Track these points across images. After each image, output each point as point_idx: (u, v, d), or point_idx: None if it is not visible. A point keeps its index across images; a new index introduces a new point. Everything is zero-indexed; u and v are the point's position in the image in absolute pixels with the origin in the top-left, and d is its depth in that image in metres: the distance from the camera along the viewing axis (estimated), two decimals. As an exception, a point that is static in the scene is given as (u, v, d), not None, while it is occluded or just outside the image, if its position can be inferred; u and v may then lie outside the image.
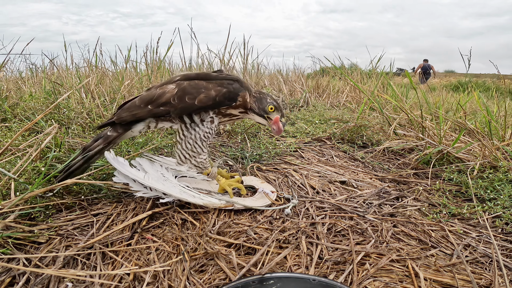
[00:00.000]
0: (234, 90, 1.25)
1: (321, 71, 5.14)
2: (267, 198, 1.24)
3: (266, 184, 1.37)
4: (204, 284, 0.84)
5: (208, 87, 1.22)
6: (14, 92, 2.58)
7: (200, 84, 1.23)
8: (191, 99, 1.20)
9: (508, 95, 5.79)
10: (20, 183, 1.15)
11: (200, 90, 1.21)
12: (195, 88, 1.22)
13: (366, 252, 0.96)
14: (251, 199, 1.26)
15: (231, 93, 1.24)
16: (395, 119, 2.23)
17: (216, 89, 1.22)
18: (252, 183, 1.38)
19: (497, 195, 1.35)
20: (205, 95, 1.21)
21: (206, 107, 1.22)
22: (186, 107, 1.20)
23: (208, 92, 1.21)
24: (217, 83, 1.24)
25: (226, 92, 1.23)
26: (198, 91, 1.21)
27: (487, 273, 0.92)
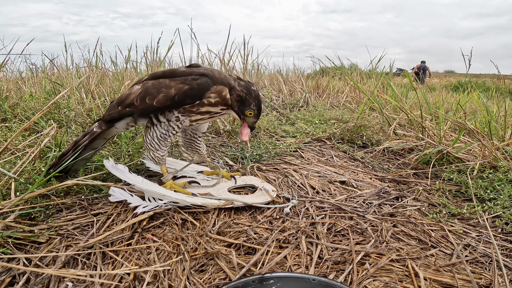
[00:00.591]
0: (199, 87, 1.13)
1: (321, 71, 5.14)
2: (267, 194, 1.24)
3: (267, 184, 1.37)
4: (204, 284, 0.84)
5: (169, 86, 1.15)
6: (14, 92, 2.58)
7: (162, 83, 1.16)
8: (150, 100, 1.15)
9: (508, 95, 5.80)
10: (20, 183, 1.15)
11: (161, 89, 1.15)
12: (157, 87, 1.16)
13: (366, 252, 0.96)
14: (251, 196, 1.26)
15: (194, 90, 1.13)
16: (395, 119, 2.23)
17: (176, 87, 1.14)
18: (252, 183, 1.38)
19: (497, 195, 1.35)
20: (164, 95, 1.13)
21: (164, 107, 1.15)
22: (146, 108, 1.16)
23: (168, 91, 1.14)
24: (180, 80, 1.15)
25: (188, 89, 1.13)
26: (158, 91, 1.15)
27: (487, 273, 0.92)
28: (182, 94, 1.13)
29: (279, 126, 2.37)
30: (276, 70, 4.66)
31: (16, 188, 1.13)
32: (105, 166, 1.20)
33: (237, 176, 1.43)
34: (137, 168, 1.48)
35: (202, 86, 1.14)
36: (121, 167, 1.21)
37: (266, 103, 3.06)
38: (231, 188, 1.35)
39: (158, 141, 1.22)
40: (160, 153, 1.26)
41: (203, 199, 1.16)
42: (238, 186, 1.37)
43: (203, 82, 1.14)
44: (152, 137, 1.23)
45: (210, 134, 2.12)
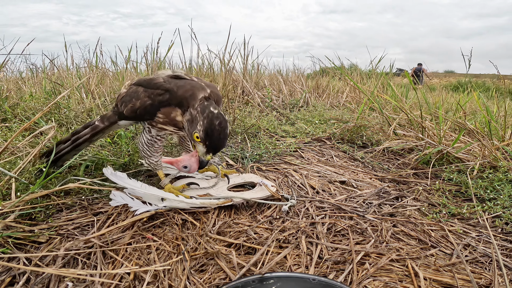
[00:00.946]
0: (158, 104, 1.08)
1: (321, 71, 5.14)
2: (266, 189, 1.24)
3: (266, 180, 1.37)
4: (204, 284, 0.84)
5: (139, 97, 1.12)
6: (15, 92, 2.58)
7: (137, 92, 1.14)
8: (123, 107, 1.16)
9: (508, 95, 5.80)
10: (21, 183, 1.15)
11: (132, 99, 1.14)
12: (131, 96, 1.15)
13: (365, 252, 0.96)
14: (250, 192, 1.27)
15: (154, 106, 1.09)
16: (395, 119, 2.23)
17: (142, 101, 1.11)
18: (251, 180, 1.39)
19: (497, 195, 1.35)
20: (132, 106, 1.12)
21: (131, 118, 1.16)
22: (121, 114, 1.18)
23: (135, 102, 1.12)
24: (148, 93, 1.11)
25: (148, 105, 1.09)
26: (130, 100, 1.14)
27: (487, 273, 0.92)
28: (143, 109, 1.11)
29: (279, 126, 2.37)
30: (276, 70, 4.66)
31: (17, 188, 1.13)
32: (105, 174, 1.20)
33: (235, 174, 1.43)
34: (136, 168, 1.48)
35: (162, 103, 1.08)
36: (120, 174, 1.21)
37: (266, 103, 3.06)
38: (230, 187, 1.35)
39: (147, 147, 1.22)
40: (153, 159, 1.25)
41: (202, 200, 1.16)
42: (238, 184, 1.38)
43: (164, 100, 1.08)
44: (141, 143, 1.24)
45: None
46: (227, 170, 1.42)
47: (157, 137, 1.21)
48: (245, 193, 1.26)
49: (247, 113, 2.51)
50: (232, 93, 3.21)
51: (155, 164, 1.27)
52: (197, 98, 1.06)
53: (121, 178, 1.19)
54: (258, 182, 1.32)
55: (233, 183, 1.36)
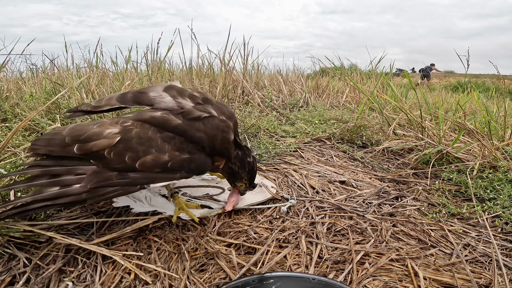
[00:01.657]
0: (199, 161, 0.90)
1: (320, 71, 5.15)
2: (267, 191, 1.24)
3: (266, 180, 1.37)
4: (205, 283, 0.84)
5: (161, 147, 0.86)
6: (15, 92, 2.59)
7: (152, 139, 0.86)
8: (132, 159, 0.83)
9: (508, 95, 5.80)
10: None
11: (150, 149, 0.85)
12: (144, 143, 0.85)
13: (365, 252, 0.96)
14: (250, 194, 1.27)
15: (193, 163, 0.89)
16: (395, 119, 2.23)
17: (171, 154, 0.86)
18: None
19: (496, 195, 1.35)
20: (154, 159, 0.84)
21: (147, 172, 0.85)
22: (122, 168, 0.83)
23: (160, 155, 0.85)
24: (176, 146, 0.87)
25: (185, 161, 0.87)
26: (146, 150, 0.84)
27: (486, 273, 0.92)
28: (178, 163, 0.87)
29: (279, 126, 2.37)
30: (276, 71, 4.66)
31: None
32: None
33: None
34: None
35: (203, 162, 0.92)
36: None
37: (266, 103, 3.06)
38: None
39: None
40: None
41: (202, 211, 1.14)
42: None
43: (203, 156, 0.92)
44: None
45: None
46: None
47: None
48: (245, 195, 1.26)
49: (247, 113, 2.51)
50: (232, 93, 3.21)
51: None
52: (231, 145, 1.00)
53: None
54: (258, 183, 1.32)
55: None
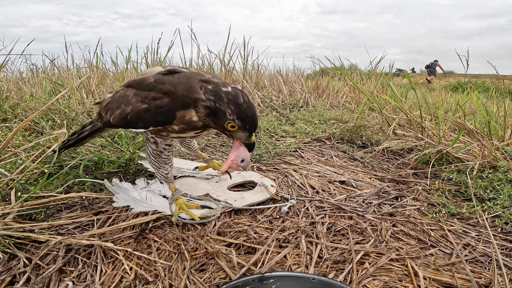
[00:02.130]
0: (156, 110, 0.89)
1: (320, 71, 5.15)
2: (266, 191, 1.25)
3: (266, 179, 1.38)
4: (205, 283, 0.84)
5: (130, 101, 0.94)
6: (15, 92, 2.59)
7: (127, 96, 0.96)
8: (110, 115, 0.97)
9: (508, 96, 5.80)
10: (21, 185, 1.16)
11: (121, 104, 0.95)
12: (119, 100, 0.97)
13: (365, 251, 0.96)
14: (250, 193, 1.27)
15: (149, 113, 0.89)
16: (395, 119, 2.24)
17: (134, 106, 0.92)
18: (252, 178, 1.39)
19: (496, 195, 1.35)
20: (120, 112, 0.93)
21: (119, 126, 0.97)
22: (107, 123, 0.99)
23: (126, 108, 0.93)
24: (141, 97, 0.92)
25: (142, 111, 0.90)
26: (118, 105, 0.96)
27: (486, 272, 0.92)
28: (134, 115, 0.91)
29: (279, 126, 2.37)
30: (276, 71, 4.66)
31: (17, 189, 1.13)
32: (109, 188, 1.18)
33: (236, 172, 1.44)
34: (137, 168, 1.49)
35: (161, 110, 0.88)
36: (125, 185, 1.20)
37: (266, 103, 3.06)
38: (231, 186, 1.35)
39: (154, 158, 1.09)
40: (162, 171, 1.11)
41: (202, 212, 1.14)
42: (238, 183, 1.38)
43: (163, 105, 0.88)
44: (148, 153, 1.10)
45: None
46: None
47: (163, 148, 1.07)
48: (245, 194, 1.26)
49: (247, 113, 2.51)
50: (232, 94, 3.21)
51: (165, 177, 1.13)
52: (196, 88, 0.88)
53: (126, 190, 1.18)
54: (258, 183, 1.32)
55: (234, 182, 1.37)
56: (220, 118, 0.86)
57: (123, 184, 1.21)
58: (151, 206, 1.14)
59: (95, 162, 1.44)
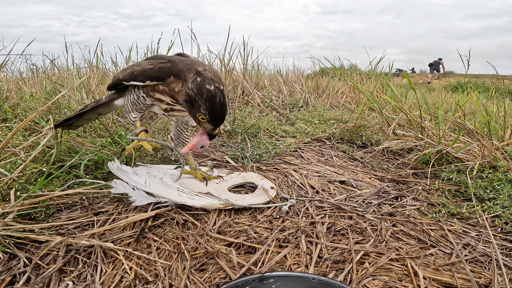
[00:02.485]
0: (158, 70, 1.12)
1: (320, 71, 5.15)
2: (266, 194, 1.25)
3: (266, 180, 1.38)
4: (205, 283, 0.84)
5: (141, 64, 1.22)
6: (15, 92, 2.59)
7: (140, 64, 1.24)
8: (123, 75, 1.25)
9: (508, 96, 5.81)
10: (20, 184, 1.16)
11: (133, 67, 1.23)
12: (133, 66, 1.26)
13: (365, 251, 0.96)
14: (251, 196, 1.27)
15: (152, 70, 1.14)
16: (394, 119, 2.24)
17: (143, 67, 1.18)
18: (252, 180, 1.39)
19: (496, 195, 1.35)
20: (131, 71, 1.21)
21: (125, 80, 1.22)
22: (117, 79, 1.29)
23: (136, 68, 1.21)
24: (150, 62, 1.19)
25: (148, 69, 1.16)
26: (132, 69, 1.23)
27: (486, 272, 0.92)
28: (140, 71, 1.17)
29: (279, 126, 2.38)
30: (276, 71, 4.66)
31: (17, 188, 1.13)
32: (110, 168, 1.20)
33: (236, 173, 1.43)
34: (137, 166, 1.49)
35: (161, 70, 1.12)
36: (125, 168, 1.21)
37: (266, 103, 3.06)
38: (232, 187, 1.35)
39: (130, 104, 1.29)
40: (132, 115, 1.33)
41: (203, 202, 1.16)
42: (238, 184, 1.38)
43: (164, 67, 1.12)
44: (126, 102, 1.32)
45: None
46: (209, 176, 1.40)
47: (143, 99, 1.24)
48: (246, 197, 1.26)
49: (247, 113, 2.52)
50: (232, 93, 3.22)
51: (132, 121, 1.34)
52: (190, 74, 1.05)
53: (126, 173, 1.18)
54: (259, 186, 1.31)
55: (234, 183, 1.37)
56: (195, 109, 1.02)
57: (123, 167, 1.21)
58: (151, 190, 1.13)
59: (95, 161, 1.44)
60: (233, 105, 2.67)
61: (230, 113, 2.42)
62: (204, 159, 1.58)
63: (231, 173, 1.46)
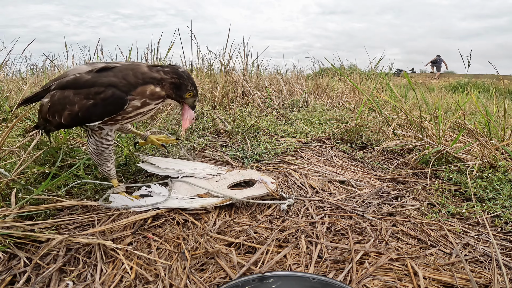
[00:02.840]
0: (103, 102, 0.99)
1: (320, 72, 5.15)
2: (265, 187, 1.25)
3: (266, 176, 1.38)
4: (205, 283, 0.84)
5: (72, 101, 1.02)
6: (15, 92, 2.59)
7: (66, 97, 1.03)
8: (59, 117, 1.06)
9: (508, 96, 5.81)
10: (21, 185, 1.16)
11: (65, 105, 1.03)
12: (62, 103, 1.04)
13: (365, 251, 0.96)
14: (250, 189, 1.28)
15: (98, 106, 1.00)
16: (394, 120, 2.24)
17: (80, 104, 1.01)
18: (251, 177, 1.39)
19: (496, 195, 1.35)
20: (69, 113, 1.03)
21: (73, 125, 1.09)
22: (59, 125, 1.09)
23: (72, 108, 1.02)
24: (83, 94, 1.01)
25: (91, 106, 1.00)
26: (63, 107, 1.04)
27: (486, 272, 0.92)
28: (85, 111, 1.01)
29: (279, 126, 2.38)
30: (276, 71, 4.66)
31: (18, 189, 1.13)
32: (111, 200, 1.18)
33: (236, 171, 1.44)
34: (137, 168, 1.49)
35: (109, 100, 1.00)
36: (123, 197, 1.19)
37: (266, 103, 3.06)
38: (231, 185, 1.35)
39: (96, 156, 1.16)
40: (105, 168, 1.18)
41: (202, 202, 1.17)
42: (238, 182, 1.39)
43: (108, 96, 0.99)
44: (90, 152, 1.17)
45: (211, 134, 2.12)
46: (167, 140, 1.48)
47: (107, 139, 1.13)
48: (245, 191, 1.27)
49: (247, 113, 2.52)
50: (232, 94, 3.21)
51: (107, 173, 1.20)
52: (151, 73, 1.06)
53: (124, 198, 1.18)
54: (258, 180, 1.33)
55: (234, 181, 1.37)
56: (182, 90, 1.10)
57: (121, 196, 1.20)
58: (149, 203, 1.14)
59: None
60: (233, 105, 2.67)
61: (230, 113, 2.42)
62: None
63: (231, 171, 1.47)
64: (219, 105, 2.80)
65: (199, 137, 2.00)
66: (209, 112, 2.37)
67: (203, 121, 2.25)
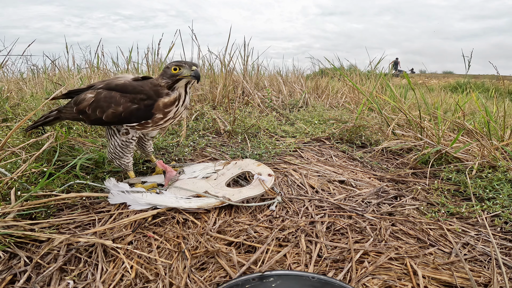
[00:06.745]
0: (146, 108, 1.16)
1: (320, 72, 5.16)
2: (262, 186, 1.26)
3: (263, 167, 1.38)
4: (205, 282, 0.84)
5: (118, 102, 1.17)
6: (15, 92, 2.59)
7: (113, 98, 1.17)
8: (101, 113, 1.18)
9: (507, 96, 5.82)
10: (21, 184, 1.16)
11: (111, 104, 1.17)
12: (108, 101, 1.18)
13: (364, 250, 0.96)
14: (247, 188, 1.28)
15: (141, 111, 1.16)
16: (394, 120, 2.24)
17: (125, 105, 1.16)
18: (248, 168, 1.39)
19: (496, 194, 1.36)
20: (113, 111, 1.16)
21: (112, 123, 1.19)
22: (97, 120, 1.20)
23: (117, 108, 1.16)
24: (130, 98, 1.17)
25: (135, 110, 1.16)
26: (108, 106, 1.17)
27: (486, 271, 0.92)
28: (129, 113, 1.16)
29: (279, 126, 2.38)
30: (276, 71, 4.66)
31: (17, 188, 1.13)
32: (106, 186, 1.21)
33: (233, 162, 1.46)
34: (137, 166, 1.49)
35: (149, 108, 1.17)
36: (122, 185, 1.22)
37: (266, 103, 3.07)
38: (229, 180, 1.36)
39: (120, 149, 1.27)
40: (125, 160, 1.30)
41: (200, 203, 1.17)
42: (236, 176, 1.39)
43: (149, 104, 1.17)
44: (113, 146, 1.27)
45: (211, 134, 2.13)
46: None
47: (132, 139, 1.26)
48: (243, 190, 1.27)
49: (247, 114, 2.52)
50: (233, 94, 3.22)
51: (126, 165, 1.31)
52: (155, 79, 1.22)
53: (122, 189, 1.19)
54: (255, 176, 1.32)
55: (231, 175, 1.38)
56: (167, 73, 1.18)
57: (120, 184, 1.22)
58: (147, 201, 1.15)
59: (95, 160, 1.44)
60: (233, 105, 2.67)
61: (230, 113, 2.42)
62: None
63: (228, 164, 1.47)
64: (219, 105, 2.80)
65: (199, 137, 2.00)
66: (209, 112, 2.38)
67: (204, 121, 2.25)
